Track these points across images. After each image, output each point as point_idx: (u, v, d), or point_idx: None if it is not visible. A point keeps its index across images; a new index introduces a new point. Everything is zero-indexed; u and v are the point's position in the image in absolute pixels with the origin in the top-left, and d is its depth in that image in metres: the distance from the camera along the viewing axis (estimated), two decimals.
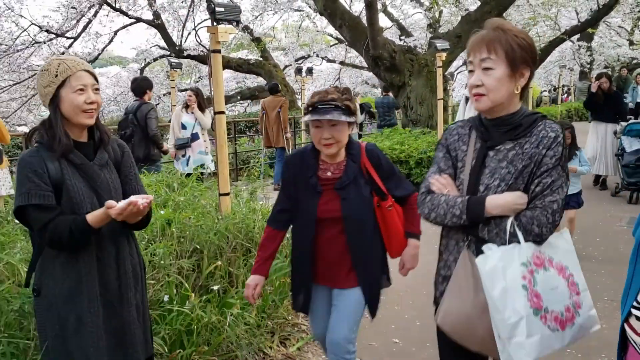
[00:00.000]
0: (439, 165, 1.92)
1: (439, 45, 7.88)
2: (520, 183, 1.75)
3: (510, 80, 1.73)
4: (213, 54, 4.07)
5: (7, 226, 3.67)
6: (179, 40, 14.23)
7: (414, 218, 2.53)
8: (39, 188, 1.88)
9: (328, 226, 2.43)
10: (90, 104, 1.96)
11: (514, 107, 1.80)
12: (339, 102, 2.30)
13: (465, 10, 10.96)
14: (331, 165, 2.44)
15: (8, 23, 14.26)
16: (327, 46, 18.02)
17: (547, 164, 1.72)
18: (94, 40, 14.43)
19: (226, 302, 3.31)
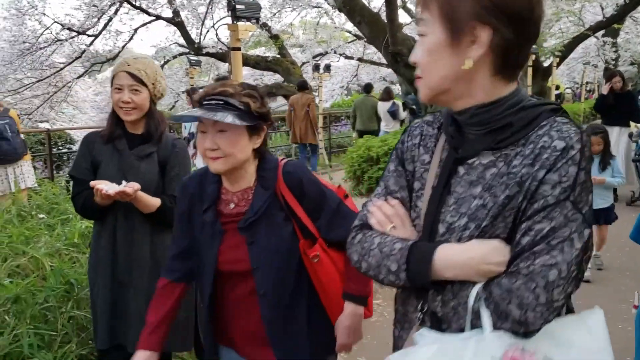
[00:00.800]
0: (386, 185, 1.19)
1: None
2: (501, 226, 1.01)
3: (451, 50, 1.00)
4: (233, 51, 4.10)
5: (32, 221, 3.75)
6: (198, 38, 14.32)
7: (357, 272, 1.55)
8: (80, 164, 2.19)
9: (235, 282, 1.69)
10: (125, 103, 2.14)
11: (486, 94, 1.03)
12: (234, 98, 1.57)
13: None
14: (234, 195, 1.68)
15: (32, 21, 14.51)
16: (345, 43, 17.99)
17: (545, 197, 0.97)
18: (114, 38, 14.60)
19: None
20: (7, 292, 2.64)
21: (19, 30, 14.60)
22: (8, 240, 3.22)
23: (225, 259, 1.66)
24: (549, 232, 0.96)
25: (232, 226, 1.66)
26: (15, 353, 2.43)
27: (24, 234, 3.34)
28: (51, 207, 4.12)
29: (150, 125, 2.23)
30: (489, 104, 1.03)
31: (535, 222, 0.97)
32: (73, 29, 14.02)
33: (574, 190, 0.97)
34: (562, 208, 0.96)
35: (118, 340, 2.17)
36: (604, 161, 4.62)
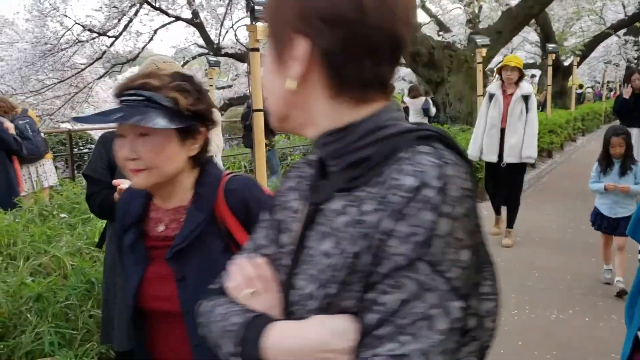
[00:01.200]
0: (255, 238, 0.96)
1: (479, 41, 7.75)
2: (349, 296, 0.72)
3: (277, 69, 0.81)
4: (252, 52, 4.10)
5: (53, 220, 3.79)
6: (217, 39, 14.41)
7: None
8: (96, 164, 2.16)
9: (161, 325, 1.36)
10: None
11: (330, 120, 0.79)
12: (159, 92, 1.25)
13: (506, 5, 10.74)
14: (165, 213, 1.37)
15: (53, 23, 14.72)
16: None
17: (393, 256, 0.67)
18: (134, 39, 14.76)
19: None
20: (29, 290, 2.67)
21: (40, 31, 14.82)
22: (30, 239, 3.26)
23: (149, 294, 1.32)
24: (400, 307, 0.66)
25: (160, 253, 1.32)
26: (37, 351, 2.46)
27: (45, 233, 3.38)
28: (72, 207, 4.17)
29: None
30: (337, 131, 0.78)
31: (382, 292, 0.68)
32: (94, 30, 14.20)
33: (430, 247, 0.66)
34: (415, 272, 0.66)
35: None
36: (624, 165, 4.31)
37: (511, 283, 4.47)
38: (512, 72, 5.38)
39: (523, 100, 5.36)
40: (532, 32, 19.15)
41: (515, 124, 5.36)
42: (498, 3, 11.67)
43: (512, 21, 9.63)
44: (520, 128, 5.35)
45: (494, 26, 10.12)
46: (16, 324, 2.59)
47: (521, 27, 10.41)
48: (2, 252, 3.23)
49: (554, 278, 4.66)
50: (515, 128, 5.35)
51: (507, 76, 5.40)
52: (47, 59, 14.98)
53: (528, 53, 24.82)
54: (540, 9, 9.92)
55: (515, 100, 5.37)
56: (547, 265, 4.98)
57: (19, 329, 2.56)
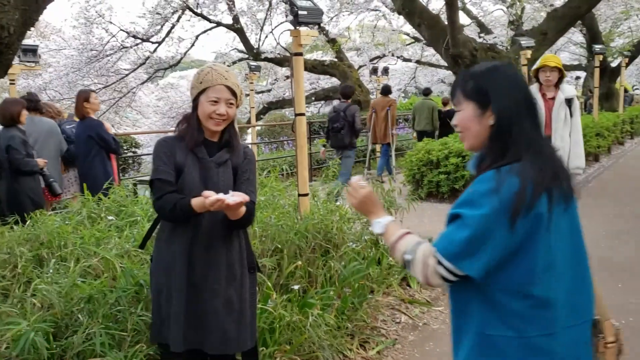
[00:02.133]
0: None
1: (524, 43, 7.58)
2: None
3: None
4: (295, 57, 4.11)
5: (102, 222, 3.87)
6: (257, 44, 14.55)
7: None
8: (165, 167, 2.21)
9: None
10: (219, 115, 2.20)
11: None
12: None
13: (551, 5, 10.48)
14: None
15: (99, 30, 15.15)
16: (402, 45, 17.84)
17: None
18: (176, 45, 15.07)
19: (307, 302, 3.33)
20: (81, 291, 2.73)
21: (87, 38, 15.28)
22: (80, 241, 3.33)
23: None
24: None
25: None
26: (88, 351, 2.51)
27: (94, 235, 3.46)
28: (119, 209, 4.25)
29: (231, 134, 2.31)
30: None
31: None
32: (137, 37, 14.56)
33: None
34: None
35: (193, 344, 2.21)
36: None
37: None
38: (552, 73, 4.90)
39: (566, 104, 4.94)
40: (576, 32, 18.65)
41: (561, 130, 4.92)
42: (542, 4, 11.41)
43: (559, 22, 9.38)
44: (566, 135, 4.92)
45: (539, 27, 9.87)
46: (68, 325, 2.65)
47: (568, 27, 10.13)
48: (54, 253, 3.31)
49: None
50: (563, 135, 4.91)
51: (546, 78, 4.92)
52: (93, 65, 15.43)
53: (572, 54, 24.18)
54: (587, 9, 9.63)
55: (558, 105, 4.94)
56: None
57: (70, 329, 2.62)
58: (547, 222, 1.45)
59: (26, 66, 6.32)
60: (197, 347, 2.21)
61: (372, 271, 4.06)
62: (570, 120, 4.95)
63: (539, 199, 1.42)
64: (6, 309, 2.63)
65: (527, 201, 1.40)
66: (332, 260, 3.84)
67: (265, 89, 17.96)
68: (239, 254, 2.31)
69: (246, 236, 2.38)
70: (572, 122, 4.96)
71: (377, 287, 4.11)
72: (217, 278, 2.22)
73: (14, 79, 6.50)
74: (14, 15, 2.63)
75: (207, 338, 2.20)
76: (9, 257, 3.21)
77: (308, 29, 4.09)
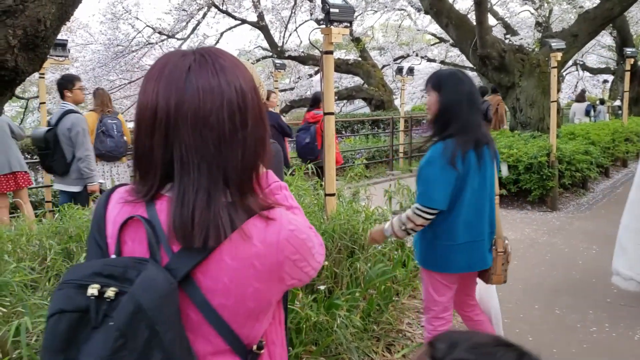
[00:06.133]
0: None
1: (554, 45, 7.43)
2: None
3: None
4: (325, 55, 4.07)
5: None
6: (281, 41, 14.54)
7: None
8: None
9: None
10: None
11: None
12: None
13: (580, 7, 10.29)
14: None
15: (125, 25, 15.30)
16: (427, 45, 17.69)
17: None
18: (201, 41, 15.12)
19: (333, 303, 3.30)
20: None
21: (113, 34, 15.44)
22: None
23: None
24: None
25: None
26: None
27: None
28: None
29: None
30: None
31: None
32: (163, 33, 14.65)
33: None
34: None
35: None
36: None
37: (589, 298, 4.24)
38: None
39: None
40: (605, 35, 18.31)
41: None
42: (571, 5, 11.21)
43: (590, 24, 9.19)
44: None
45: (570, 29, 9.69)
46: None
47: (600, 30, 9.92)
48: (82, 247, 3.32)
49: (635, 295, 4.38)
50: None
51: None
52: (118, 61, 15.58)
53: (600, 57, 23.75)
54: (621, 11, 9.41)
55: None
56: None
57: None
58: (475, 168, 2.44)
59: (55, 60, 6.35)
60: None
61: (398, 273, 4.01)
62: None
63: (467, 154, 2.40)
64: (36, 302, 2.64)
65: (458, 155, 2.37)
66: (358, 262, 3.80)
67: (288, 87, 17.96)
68: None
69: None
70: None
71: (402, 289, 4.06)
72: None
73: (44, 72, 6.56)
74: (51, 9, 2.63)
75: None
76: (38, 250, 3.23)
77: (339, 27, 4.04)
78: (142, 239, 0.99)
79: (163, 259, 0.97)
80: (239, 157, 0.99)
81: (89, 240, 1.08)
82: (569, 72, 21.15)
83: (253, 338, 1.04)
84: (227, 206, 0.98)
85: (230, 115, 0.97)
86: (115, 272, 0.93)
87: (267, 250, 1.00)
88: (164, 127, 0.97)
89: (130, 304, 0.89)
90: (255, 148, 1.02)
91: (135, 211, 1.02)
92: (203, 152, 0.96)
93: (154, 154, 0.98)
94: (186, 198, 0.96)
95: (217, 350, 1.01)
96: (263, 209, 1.03)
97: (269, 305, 1.04)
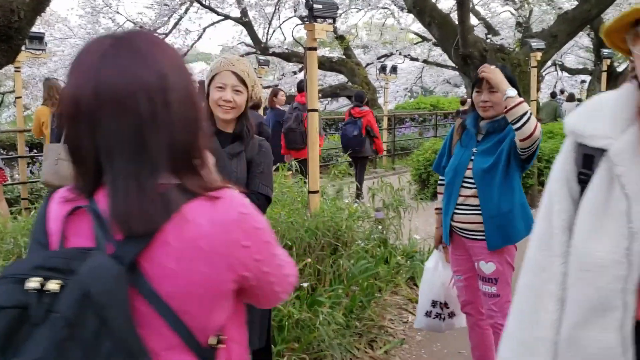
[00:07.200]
0: None
1: (534, 45, 7.52)
2: None
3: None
4: (309, 51, 4.06)
5: None
6: (264, 38, 14.49)
7: None
8: None
9: None
10: (225, 102, 2.16)
11: None
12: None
13: (559, 8, 10.44)
14: None
15: (105, 19, 15.10)
16: (410, 44, 17.78)
17: None
18: (183, 37, 15.00)
19: (316, 300, 3.30)
20: None
21: (93, 28, 15.23)
22: None
23: None
24: None
25: None
26: None
27: None
28: None
29: (244, 125, 2.26)
30: None
31: None
32: (145, 28, 14.47)
33: None
34: None
35: None
36: None
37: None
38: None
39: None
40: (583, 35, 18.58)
41: None
42: (551, 6, 11.36)
43: (569, 25, 9.32)
44: None
45: (549, 30, 9.81)
46: None
47: (578, 30, 10.07)
48: None
49: None
50: None
51: None
52: None
53: (579, 58, 24.11)
54: (598, 13, 9.57)
55: None
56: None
57: None
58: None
59: (32, 54, 6.24)
60: None
61: (380, 270, 4.03)
62: None
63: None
64: None
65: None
66: (341, 259, 3.81)
67: (272, 84, 17.89)
68: None
69: None
70: None
71: (385, 286, 4.08)
72: None
73: (19, 66, 6.44)
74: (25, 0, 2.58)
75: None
76: (12, 248, 3.18)
77: (323, 24, 4.04)
78: (85, 232, 0.97)
79: (108, 249, 0.94)
80: (167, 139, 0.96)
81: (30, 242, 1.05)
82: (548, 72, 21.41)
83: (207, 332, 1.01)
84: (166, 190, 0.96)
85: (149, 98, 0.94)
86: (59, 264, 0.89)
87: (212, 230, 0.96)
88: (85, 117, 0.94)
89: (76, 291, 0.85)
90: (186, 129, 0.99)
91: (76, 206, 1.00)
92: (124, 137, 0.94)
93: (83, 146, 0.96)
94: (117, 186, 0.94)
95: (170, 345, 0.97)
96: (208, 190, 1.00)
97: (219, 293, 1.00)
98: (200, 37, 15.24)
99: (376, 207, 4.88)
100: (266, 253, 1.05)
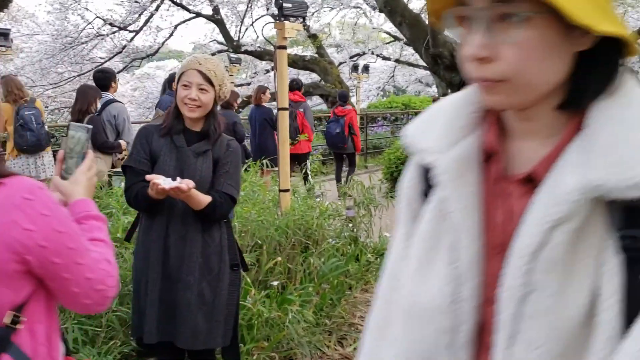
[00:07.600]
0: None
1: None
2: None
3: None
4: (279, 50, 4.06)
5: None
6: (237, 36, 14.39)
7: None
8: (138, 155, 2.21)
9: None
10: (191, 100, 2.17)
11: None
12: None
13: None
14: None
15: (74, 16, 14.78)
16: (382, 44, 17.87)
17: None
18: (154, 34, 14.78)
19: (286, 298, 3.30)
20: None
21: (61, 24, 14.89)
22: None
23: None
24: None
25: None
26: None
27: None
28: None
29: (211, 124, 2.26)
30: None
31: None
32: (115, 25, 14.24)
33: None
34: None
35: (165, 337, 2.17)
36: None
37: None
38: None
39: None
40: None
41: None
42: None
43: None
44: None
45: None
46: None
47: None
48: None
49: None
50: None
51: None
52: (67, 52, 15.04)
53: None
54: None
55: None
56: None
57: None
58: None
59: None
60: (169, 340, 2.17)
61: (350, 268, 4.05)
62: None
63: None
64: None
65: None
66: (311, 257, 3.82)
67: (245, 82, 17.80)
68: (219, 248, 2.25)
69: (229, 231, 2.32)
70: None
71: (355, 283, 4.10)
72: (190, 269, 2.17)
73: None
74: None
75: (178, 331, 2.16)
76: None
77: (292, 22, 4.04)
78: None
79: None
80: None
81: None
82: None
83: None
84: None
85: None
86: None
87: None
88: None
89: None
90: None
91: None
92: None
93: None
94: None
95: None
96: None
97: (1, 272, 1.05)
98: (172, 34, 15.04)
99: (347, 205, 4.90)
100: (57, 243, 1.08)
